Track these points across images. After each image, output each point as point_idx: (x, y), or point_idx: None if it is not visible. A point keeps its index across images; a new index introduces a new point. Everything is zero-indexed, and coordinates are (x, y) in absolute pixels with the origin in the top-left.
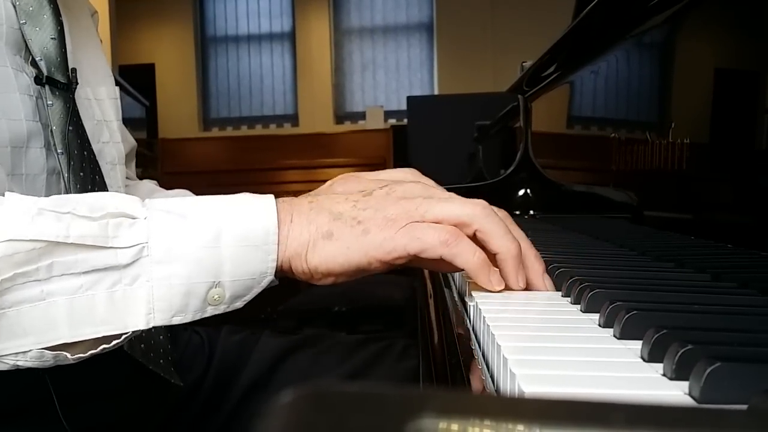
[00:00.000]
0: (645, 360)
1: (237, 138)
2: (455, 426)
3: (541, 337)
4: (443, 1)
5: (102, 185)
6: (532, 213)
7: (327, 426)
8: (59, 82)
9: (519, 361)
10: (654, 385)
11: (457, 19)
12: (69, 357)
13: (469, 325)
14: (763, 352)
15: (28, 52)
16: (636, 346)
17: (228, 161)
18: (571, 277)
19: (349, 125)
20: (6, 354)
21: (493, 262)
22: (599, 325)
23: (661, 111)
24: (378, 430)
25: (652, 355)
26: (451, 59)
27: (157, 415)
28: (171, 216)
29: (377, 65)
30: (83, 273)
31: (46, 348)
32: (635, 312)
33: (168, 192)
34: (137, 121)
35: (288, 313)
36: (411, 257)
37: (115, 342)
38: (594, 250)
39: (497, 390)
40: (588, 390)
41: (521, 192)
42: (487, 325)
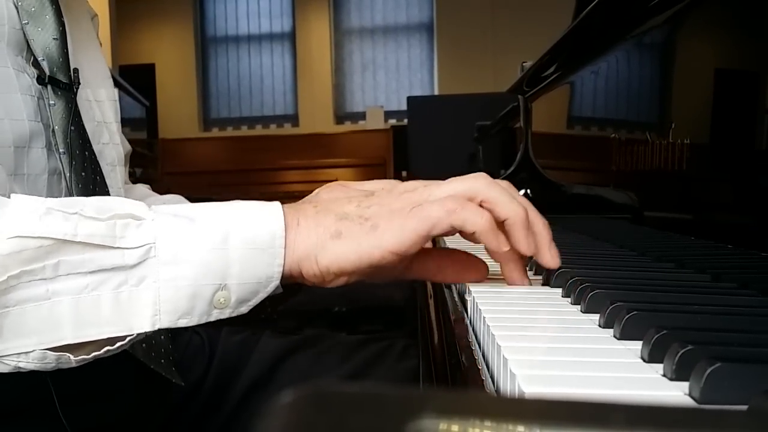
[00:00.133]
0: (645, 360)
1: (237, 138)
2: (455, 426)
3: (542, 338)
4: (443, 2)
5: (103, 185)
6: None
7: (327, 426)
8: (61, 82)
9: (519, 362)
10: (654, 386)
11: (458, 20)
12: (72, 359)
13: (470, 326)
14: (764, 352)
15: (29, 52)
16: (636, 346)
17: (228, 161)
18: (572, 278)
19: (350, 125)
20: (8, 354)
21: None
22: (599, 326)
23: (662, 111)
24: (378, 430)
25: (652, 356)
26: (452, 59)
27: (158, 416)
28: (179, 219)
29: (377, 65)
30: (89, 273)
31: (49, 349)
32: (635, 312)
33: (162, 197)
34: (137, 121)
35: (288, 314)
36: (422, 241)
37: (119, 344)
38: (594, 250)
39: (497, 390)
40: (588, 390)
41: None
42: (488, 326)
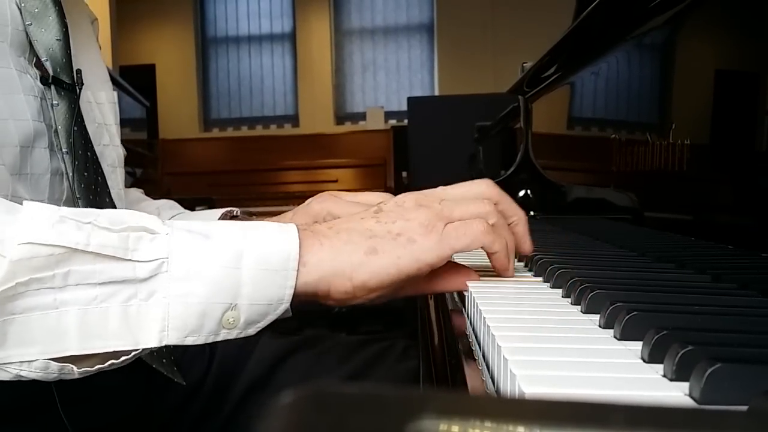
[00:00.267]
0: (645, 361)
1: (237, 139)
2: (455, 427)
3: (542, 338)
4: (444, 2)
5: (104, 186)
6: (532, 214)
7: (327, 427)
8: (64, 82)
9: (519, 362)
10: (654, 386)
11: (458, 20)
12: (75, 370)
13: (470, 326)
14: (764, 353)
15: (31, 53)
16: (636, 347)
17: (228, 162)
18: (572, 278)
19: (350, 126)
20: (10, 362)
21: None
22: (599, 326)
23: (662, 112)
24: (378, 431)
25: (652, 356)
26: (452, 60)
27: (158, 416)
28: (193, 235)
29: (378, 66)
30: (99, 284)
31: (52, 359)
32: (635, 313)
33: (155, 202)
34: (138, 122)
35: (287, 317)
36: (451, 255)
37: (124, 358)
38: (594, 251)
39: (497, 391)
40: (588, 391)
41: (521, 193)
42: (488, 326)
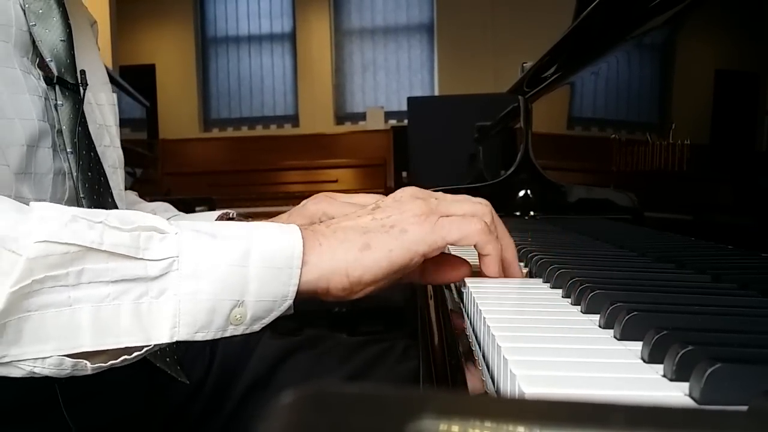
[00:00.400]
0: (645, 361)
1: (237, 139)
2: (455, 427)
3: (542, 338)
4: (444, 2)
5: (106, 187)
6: (532, 214)
7: (327, 427)
8: (69, 83)
9: (519, 362)
10: (654, 386)
11: (458, 20)
12: (89, 366)
13: (470, 326)
14: (764, 353)
15: (34, 54)
16: (636, 347)
17: (228, 162)
18: (572, 278)
19: (350, 126)
20: (24, 359)
21: None
22: (599, 326)
23: (662, 112)
24: (378, 431)
25: (652, 356)
26: (452, 60)
27: (159, 415)
28: (200, 234)
29: (378, 66)
30: (112, 282)
31: (66, 356)
32: (635, 313)
33: (150, 204)
34: (138, 122)
35: (288, 314)
36: (444, 246)
37: (136, 354)
38: (594, 251)
39: (497, 391)
40: (588, 391)
41: (521, 193)
42: (488, 326)
